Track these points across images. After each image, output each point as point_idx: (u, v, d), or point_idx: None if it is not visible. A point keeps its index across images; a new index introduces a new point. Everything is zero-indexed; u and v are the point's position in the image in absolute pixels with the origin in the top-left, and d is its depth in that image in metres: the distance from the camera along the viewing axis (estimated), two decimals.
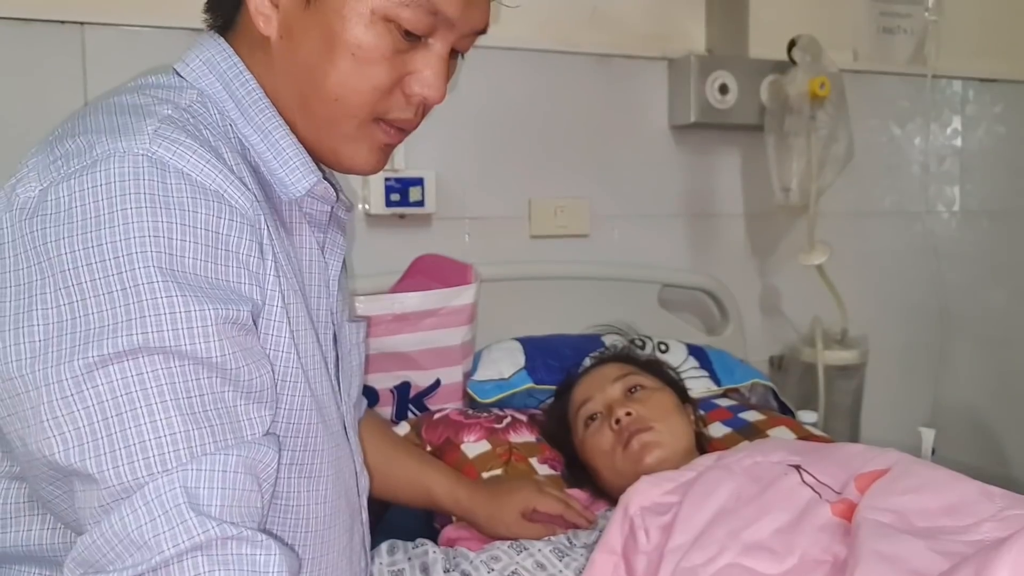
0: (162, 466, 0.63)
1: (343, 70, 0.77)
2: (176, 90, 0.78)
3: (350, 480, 0.90)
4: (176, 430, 0.64)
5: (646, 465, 1.15)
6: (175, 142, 0.70)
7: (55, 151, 0.70)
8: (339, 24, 0.76)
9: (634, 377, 1.28)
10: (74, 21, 1.43)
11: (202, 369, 0.66)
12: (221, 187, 0.70)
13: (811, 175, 1.76)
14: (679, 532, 0.95)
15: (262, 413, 0.70)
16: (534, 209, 1.75)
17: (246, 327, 0.71)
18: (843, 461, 1.01)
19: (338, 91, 0.77)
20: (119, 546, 0.62)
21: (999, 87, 2.18)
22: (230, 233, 0.70)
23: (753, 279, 1.97)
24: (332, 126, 0.80)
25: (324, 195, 0.85)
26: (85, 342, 0.63)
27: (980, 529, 0.85)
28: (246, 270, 0.71)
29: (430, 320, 1.38)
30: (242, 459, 0.66)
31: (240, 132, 0.80)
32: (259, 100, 0.80)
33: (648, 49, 1.82)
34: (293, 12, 0.77)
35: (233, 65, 0.80)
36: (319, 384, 0.82)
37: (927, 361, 2.13)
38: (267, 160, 0.80)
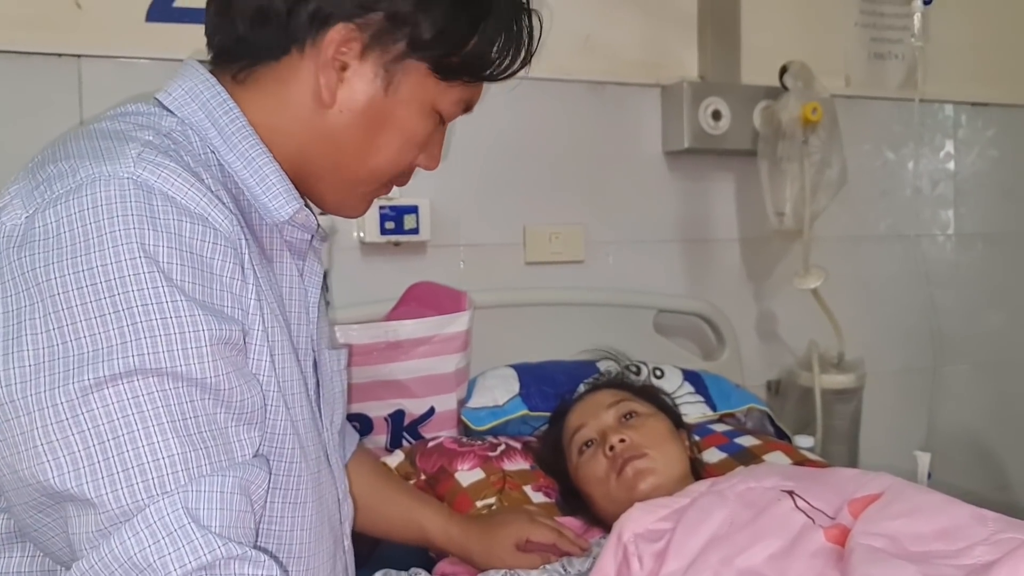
0: (162, 488, 0.63)
1: (393, 148, 0.84)
2: (156, 116, 0.79)
3: (332, 507, 0.90)
4: (174, 452, 0.64)
5: (640, 492, 1.15)
6: (159, 165, 0.70)
7: (37, 177, 0.71)
8: (405, 111, 0.83)
9: (628, 403, 1.28)
10: (71, 54, 1.44)
11: (195, 390, 0.67)
12: (205, 210, 0.71)
13: (805, 200, 1.77)
14: (672, 559, 0.95)
15: (252, 434, 0.71)
16: (529, 236, 1.76)
17: (238, 347, 0.72)
18: (837, 486, 1.00)
19: (382, 164, 0.85)
20: (119, 570, 0.62)
21: (991, 111, 2.20)
22: (214, 256, 0.71)
23: (749, 304, 1.97)
24: (358, 187, 0.88)
25: (305, 223, 0.86)
26: (79, 366, 0.63)
27: (973, 553, 0.84)
28: (230, 293, 0.72)
29: (424, 348, 1.38)
30: (237, 480, 0.67)
31: (222, 159, 0.80)
32: (242, 128, 0.81)
33: (641, 76, 1.83)
34: (364, 97, 0.81)
35: (216, 94, 0.81)
36: (299, 410, 0.82)
37: (924, 384, 2.12)
38: (250, 186, 0.81)
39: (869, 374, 1.87)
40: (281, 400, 0.78)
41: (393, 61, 0.81)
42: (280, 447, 0.79)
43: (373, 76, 0.81)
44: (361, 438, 1.39)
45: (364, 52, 0.80)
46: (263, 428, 0.74)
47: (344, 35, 0.79)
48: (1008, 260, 2.21)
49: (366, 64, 0.81)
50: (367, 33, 0.79)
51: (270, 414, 0.77)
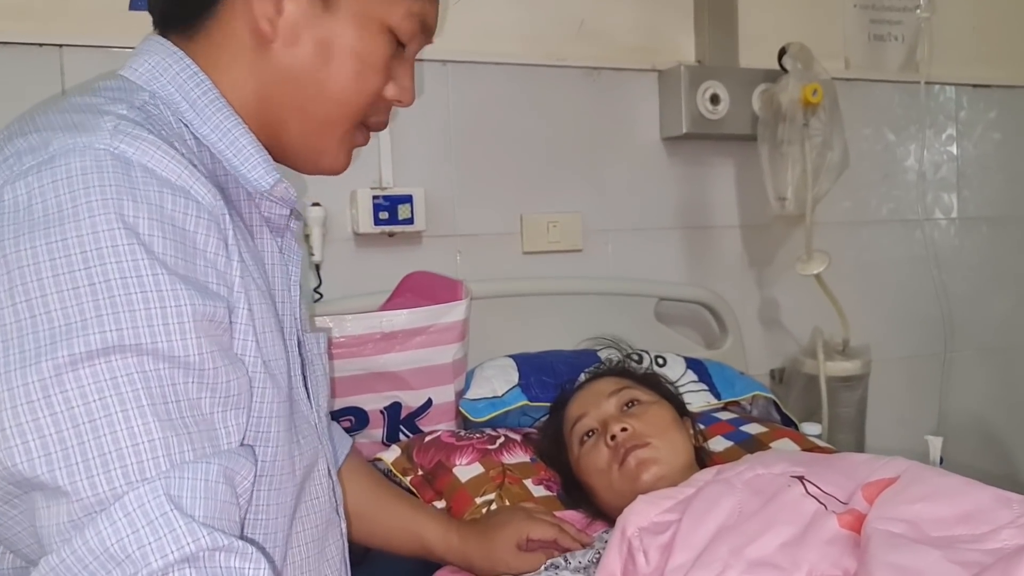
0: (142, 474, 0.59)
1: (351, 74, 0.80)
2: (128, 91, 0.75)
3: (325, 490, 0.87)
4: (155, 436, 0.60)
5: (643, 482, 1.11)
6: (136, 137, 0.67)
7: (5, 151, 0.67)
8: (351, 32, 0.79)
9: (630, 391, 1.24)
10: (52, 44, 1.41)
11: (178, 371, 0.62)
12: (187, 183, 0.67)
13: (806, 183, 1.74)
14: (679, 551, 0.91)
15: (238, 420, 0.67)
16: (526, 225, 1.73)
17: (223, 325, 0.68)
18: (848, 470, 0.97)
19: (343, 94, 0.80)
20: (94, 563, 0.57)
21: (993, 92, 2.17)
22: (197, 230, 0.67)
23: (751, 291, 1.94)
24: (328, 128, 0.82)
25: (284, 196, 0.83)
26: (52, 342, 0.59)
27: (999, 537, 0.80)
28: (214, 269, 0.68)
29: (420, 338, 1.35)
30: (222, 468, 0.63)
31: (196, 132, 0.77)
32: (215, 100, 0.78)
33: (637, 61, 1.80)
34: (304, 19, 0.77)
35: (186, 67, 0.78)
36: (288, 391, 0.79)
37: (930, 370, 2.09)
38: (228, 158, 0.78)
39: (874, 360, 1.84)
40: (269, 381, 0.74)
41: None
42: (267, 431, 0.75)
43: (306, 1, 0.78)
44: (357, 432, 1.36)
45: None
46: (249, 414, 0.70)
47: None
48: (1013, 243, 2.18)
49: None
50: None
51: (257, 396, 0.73)
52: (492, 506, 1.20)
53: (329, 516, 0.88)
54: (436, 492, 1.24)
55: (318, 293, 1.55)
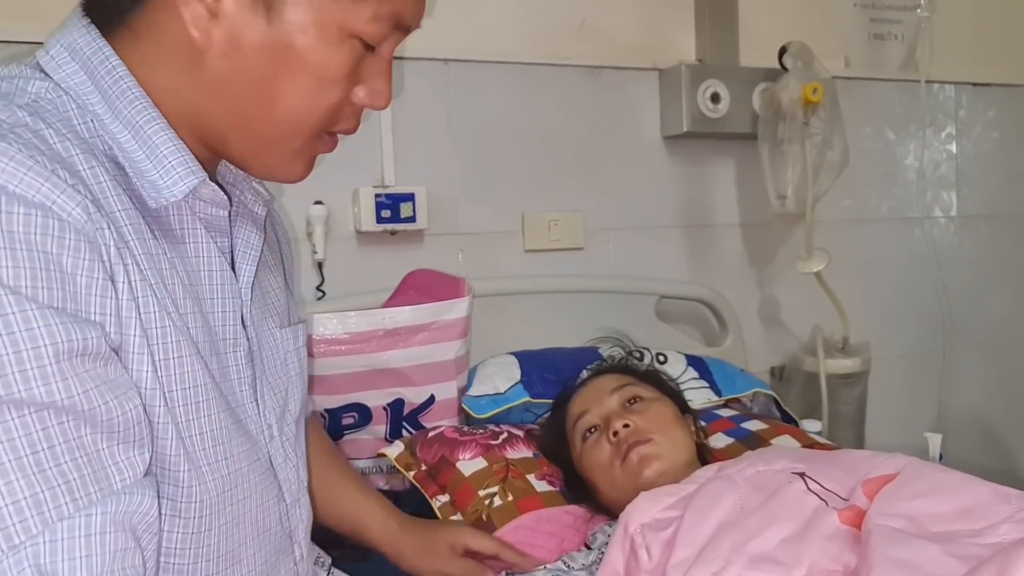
0: (8, 542, 0.53)
1: (303, 90, 0.70)
2: (21, 80, 0.67)
3: (269, 518, 0.80)
4: (20, 496, 0.53)
5: (645, 478, 1.12)
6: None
7: None
8: (303, 41, 0.68)
9: (632, 388, 1.25)
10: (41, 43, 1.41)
11: (48, 415, 0.55)
12: (48, 198, 0.58)
13: (807, 182, 1.74)
14: (681, 547, 0.92)
15: (131, 454, 0.60)
16: (528, 223, 1.73)
17: (99, 355, 0.59)
18: (849, 467, 0.98)
19: (293, 112, 0.71)
20: None
21: (992, 91, 2.17)
22: (62, 251, 0.58)
23: (751, 289, 1.94)
24: (277, 144, 0.73)
25: (212, 198, 0.74)
26: None
27: (997, 531, 0.81)
28: (86, 293, 0.60)
29: (422, 335, 1.35)
30: (108, 516, 0.56)
31: (106, 129, 0.68)
32: (128, 90, 0.68)
33: (638, 60, 1.81)
34: (245, 27, 0.67)
35: (98, 50, 0.68)
36: (206, 420, 0.71)
37: (930, 367, 2.10)
38: (137, 160, 0.69)
39: (874, 358, 1.85)
40: (168, 416, 0.66)
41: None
42: (173, 469, 0.67)
43: (251, 3, 0.67)
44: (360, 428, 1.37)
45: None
46: (148, 445, 0.63)
47: None
48: (1012, 241, 2.19)
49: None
50: None
51: (157, 431, 0.66)
52: (495, 499, 1.20)
53: (280, 544, 0.81)
54: (440, 487, 1.25)
55: (321, 291, 1.55)
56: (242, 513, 0.75)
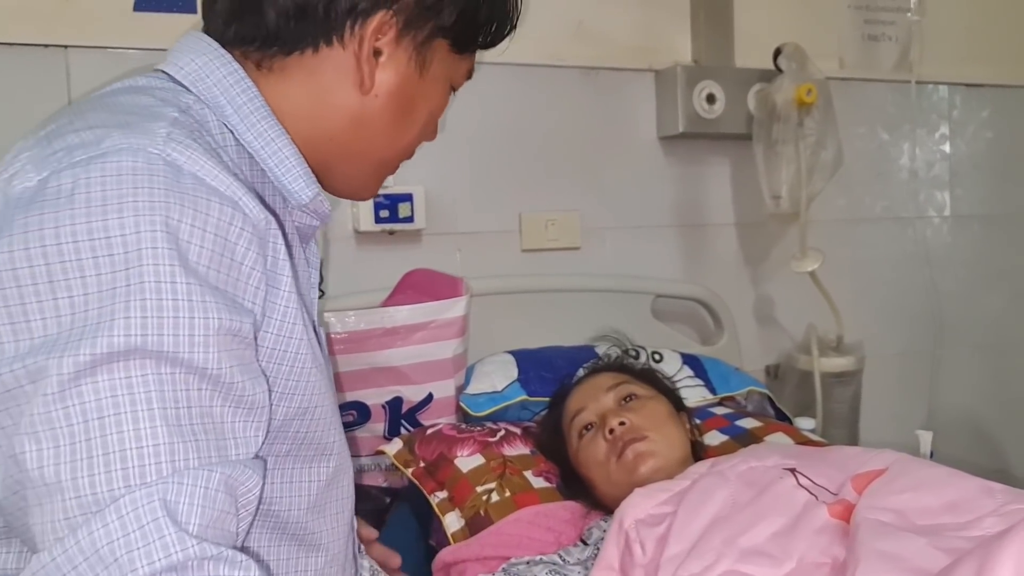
0: (141, 478, 0.59)
1: (420, 126, 0.87)
2: (173, 92, 0.75)
3: (347, 486, 0.89)
4: (160, 441, 0.60)
5: (640, 475, 1.14)
6: (188, 147, 0.67)
7: (53, 145, 0.66)
8: (434, 89, 0.86)
9: (628, 386, 1.27)
10: (58, 44, 1.43)
11: (194, 379, 0.62)
12: (235, 194, 0.67)
13: (801, 182, 1.76)
14: (674, 542, 0.94)
15: (249, 433, 0.67)
16: (525, 223, 1.75)
17: (246, 340, 0.68)
18: (839, 463, 0.99)
19: (409, 143, 0.88)
20: (83, 564, 0.57)
21: (985, 92, 2.19)
22: (239, 242, 0.67)
23: (746, 288, 1.96)
24: (381, 168, 0.89)
25: (319, 209, 0.85)
26: (80, 338, 0.59)
27: (982, 525, 0.83)
28: (247, 284, 0.68)
29: (421, 333, 1.37)
30: (224, 478, 0.62)
31: (241, 137, 0.78)
32: (260, 108, 0.78)
33: (634, 61, 1.82)
34: (405, 78, 0.82)
35: (233, 71, 0.78)
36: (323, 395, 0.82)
37: (923, 366, 2.12)
38: (270, 167, 0.79)
39: (868, 357, 1.87)
40: (317, 373, 0.78)
41: (423, 43, 0.83)
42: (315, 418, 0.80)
43: (407, 60, 0.82)
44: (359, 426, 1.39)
45: (398, 37, 0.81)
46: (265, 428, 0.70)
47: (382, 23, 0.79)
48: (1005, 241, 2.21)
49: (400, 49, 0.81)
50: (401, 19, 0.80)
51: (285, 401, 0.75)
52: (492, 495, 1.22)
53: (351, 515, 0.91)
54: (438, 483, 1.26)
55: (320, 291, 1.56)
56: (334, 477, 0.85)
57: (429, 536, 1.28)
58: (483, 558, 1.14)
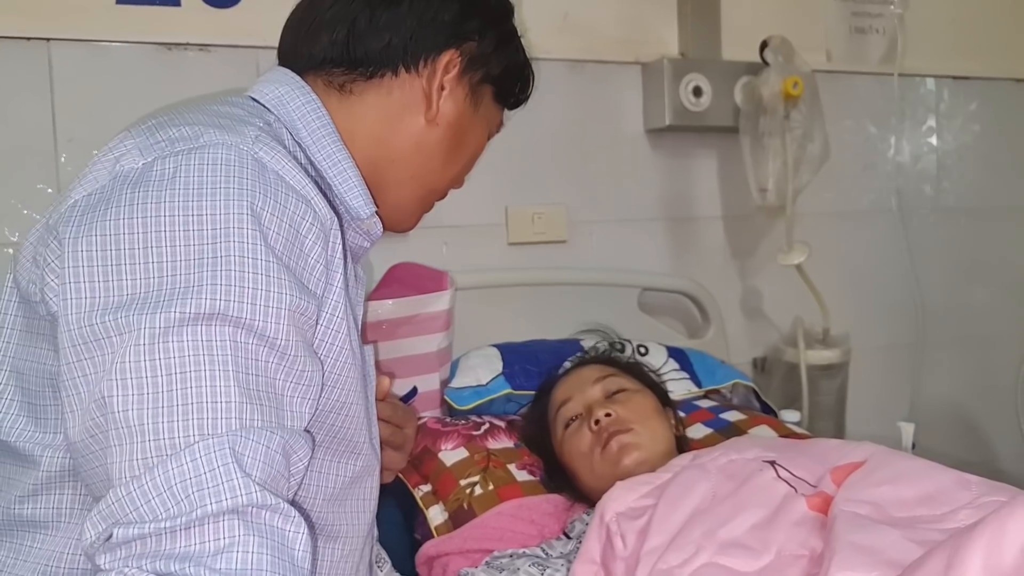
0: (213, 429, 0.64)
1: (465, 162, 0.99)
2: (259, 111, 0.85)
3: (371, 489, 0.94)
4: (232, 399, 0.66)
5: (624, 467, 1.14)
6: (272, 149, 0.76)
7: (157, 135, 0.75)
8: (480, 129, 0.97)
9: (614, 379, 1.27)
10: (40, 37, 1.42)
11: (264, 348, 0.69)
12: (309, 193, 0.76)
13: (787, 175, 1.76)
14: (654, 534, 0.94)
15: (304, 408, 0.73)
16: (511, 217, 1.75)
17: (310, 321, 0.75)
18: (819, 455, 1.00)
19: (455, 175, 0.98)
20: (156, 500, 0.62)
21: (972, 85, 2.19)
22: (308, 235, 0.75)
23: (733, 281, 1.96)
24: (429, 197, 0.99)
25: (371, 230, 0.93)
26: (171, 299, 0.66)
27: (956, 517, 0.84)
28: (313, 273, 0.75)
29: (405, 327, 1.37)
30: (283, 442, 0.68)
31: (311, 156, 0.86)
32: (331, 133, 0.88)
33: (621, 54, 1.82)
34: (462, 111, 0.93)
35: (310, 101, 0.88)
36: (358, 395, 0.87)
37: (908, 358, 2.13)
38: (336, 184, 0.87)
39: (854, 349, 1.87)
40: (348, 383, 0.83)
41: (477, 84, 0.94)
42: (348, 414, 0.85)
43: (464, 96, 0.93)
44: None
45: (460, 76, 0.92)
46: (315, 406, 0.76)
47: (451, 58, 0.91)
48: (991, 234, 2.21)
49: (459, 86, 0.92)
50: (465, 60, 0.92)
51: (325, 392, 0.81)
52: (476, 488, 1.23)
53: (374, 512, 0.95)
54: (422, 476, 1.26)
55: None
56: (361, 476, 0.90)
57: (414, 530, 1.28)
58: (466, 551, 1.14)
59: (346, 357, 0.82)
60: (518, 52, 0.99)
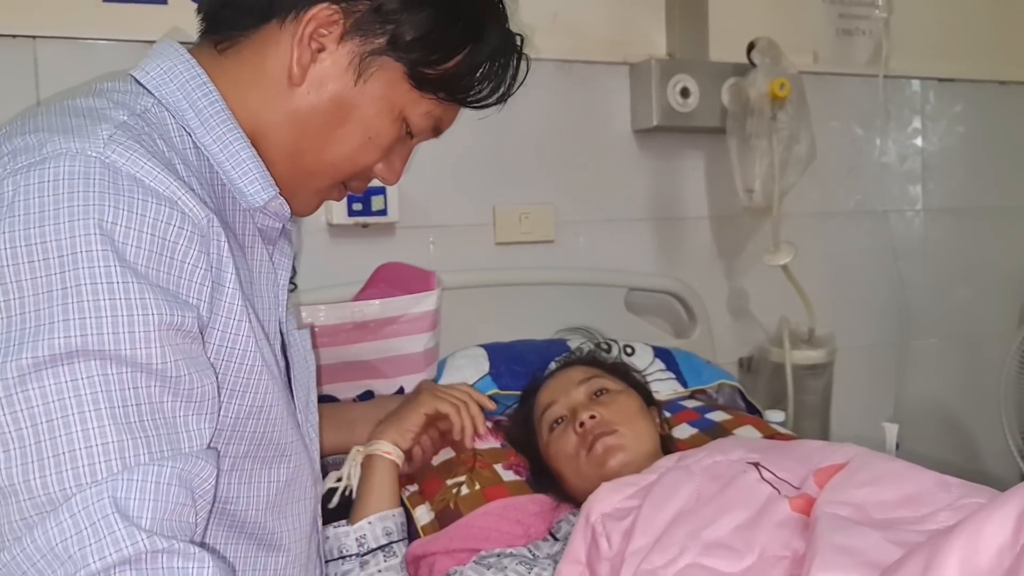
0: (91, 477, 0.61)
1: (354, 146, 0.84)
2: (132, 95, 0.77)
3: (311, 487, 0.90)
4: (109, 440, 0.62)
5: (610, 468, 1.14)
6: (129, 148, 0.69)
7: (3, 147, 0.70)
8: (371, 108, 0.82)
9: (599, 380, 1.28)
10: (25, 35, 1.41)
11: (141, 376, 0.64)
12: (175, 194, 0.69)
13: (774, 176, 1.77)
14: (639, 535, 0.94)
15: (202, 426, 0.69)
16: (498, 216, 1.75)
17: (191, 335, 0.69)
18: (802, 457, 1.01)
19: (335, 159, 0.84)
20: (41, 562, 0.59)
21: (958, 87, 2.21)
22: (179, 241, 0.68)
23: (720, 281, 1.97)
24: (310, 180, 0.86)
25: (279, 211, 0.85)
26: (20, 342, 0.61)
27: (936, 519, 0.85)
28: (189, 280, 0.70)
29: (391, 327, 1.37)
30: (176, 471, 0.64)
31: (199, 141, 0.79)
32: (221, 111, 0.80)
33: (609, 54, 1.82)
34: (335, 79, 0.81)
35: (196, 75, 0.80)
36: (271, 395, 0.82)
37: (894, 358, 2.14)
38: (226, 170, 0.80)
39: (839, 349, 1.88)
40: (266, 371, 0.79)
41: (371, 54, 0.81)
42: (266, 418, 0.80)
43: (347, 64, 0.80)
44: None
45: (343, 38, 0.80)
46: (215, 420, 0.72)
47: (327, 16, 0.79)
48: (975, 235, 2.23)
49: (342, 50, 0.80)
50: (350, 19, 0.80)
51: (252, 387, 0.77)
52: (462, 488, 1.23)
53: (314, 513, 0.92)
54: (408, 476, 1.27)
55: (293, 284, 1.56)
56: (293, 477, 0.86)
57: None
58: (452, 551, 1.14)
59: (253, 359, 0.77)
60: (455, 30, 0.83)
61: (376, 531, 1.10)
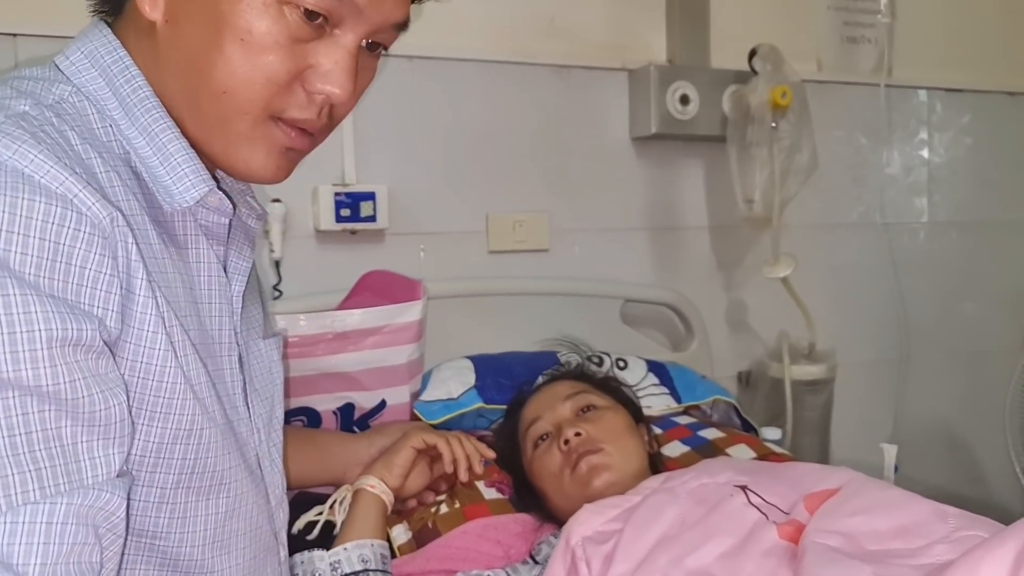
0: None
1: (232, 58, 0.68)
2: (46, 83, 0.69)
3: (260, 516, 0.82)
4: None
5: (594, 488, 1.10)
6: (17, 139, 0.61)
7: None
8: (228, 5, 0.67)
9: (586, 396, 1.23)
10: (7, 33, 1.38)
11: (31, 400, 0.56)
12: (70, 191, 0.61)
13: (775, 186, 1.72)
14: (620, 560, 0.90)
15: (109, 451, 0.61)
16: (492, 224, 1.71)
17: (92, 348, 0.61)
18: (793, 480, 0.96)
19: (227, 83, 0.68)
20: None
21: (965, 97, 2.16)
22: (75, 244, 0.60)
23: (718, 293, 1.93)
24: (223, 124, 0.71)
25: (219, 207, 0.77)
26: None
27: (932, 552, 0.80)
28: (91, 288, 0.62)
29: (374, 338, 1.33)
30: (73, 508, 0.57)
31: (123, 134, 0.71)
32: (146, 99, 0.71)
33: (607, 59, 1.79)
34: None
35: (118, 59, 0.71)
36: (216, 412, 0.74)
37: (896, 375, 2.09)
38: (152, 166, 0.72)
39: (840, 364, 1.84)
40: (191, 393, 0.70)
41: None
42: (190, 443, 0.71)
43: None
44: None
45: None
46: (128, 443, 0.64)
47: None
48: (982, 249, 2.18)
49: None
50: None
51: (177, 408, 0.69)
52: (442, 506, 1.19)
53: (267, 543, 0.84)
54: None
55: (277, 291, 1.53)
56: (235, 508, 0.77)
57: None
58: (429, 572, 1.10)
59: (173, 377, 0.68)
60: None
61: (351, 557, 1.06)
